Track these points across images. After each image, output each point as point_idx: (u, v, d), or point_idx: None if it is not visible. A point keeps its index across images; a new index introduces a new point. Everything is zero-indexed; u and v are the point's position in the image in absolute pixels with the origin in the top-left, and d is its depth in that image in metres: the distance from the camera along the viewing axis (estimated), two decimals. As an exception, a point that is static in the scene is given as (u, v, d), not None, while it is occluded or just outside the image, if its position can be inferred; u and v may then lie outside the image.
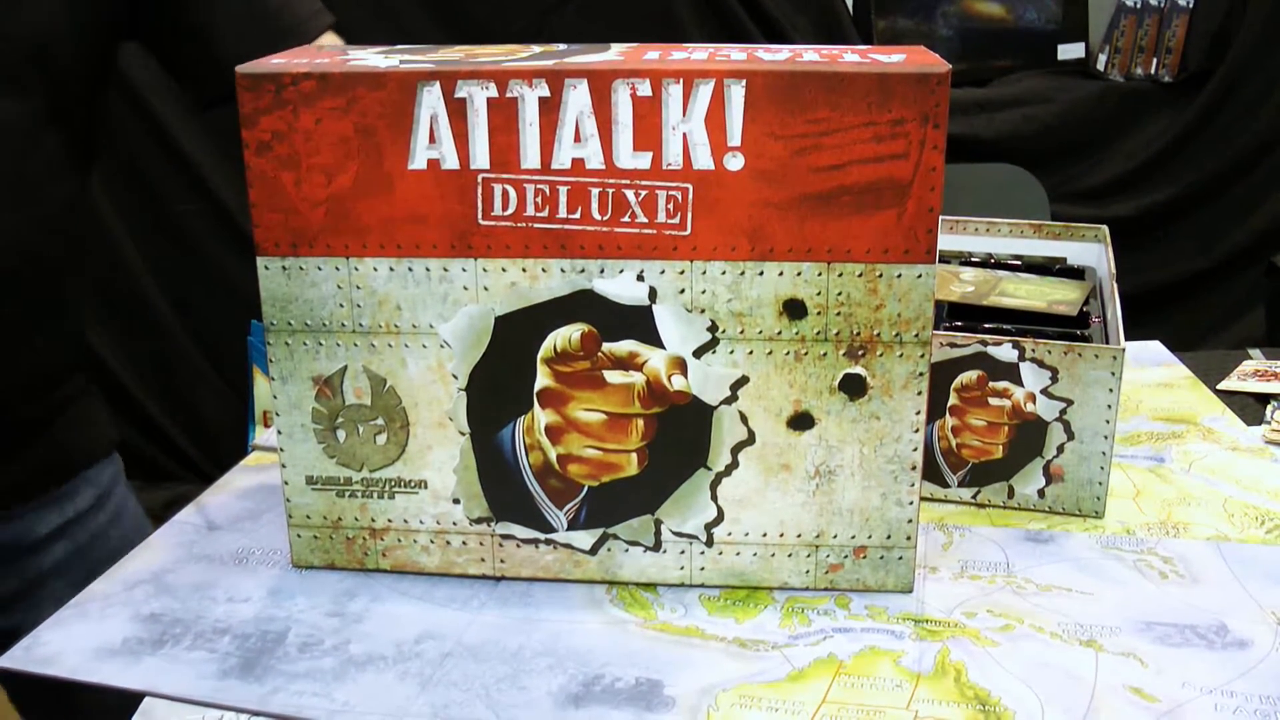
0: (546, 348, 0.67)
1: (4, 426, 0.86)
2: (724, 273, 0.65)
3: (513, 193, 0.65)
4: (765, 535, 0.70)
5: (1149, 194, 2.27)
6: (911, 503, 0.69)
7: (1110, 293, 0.89)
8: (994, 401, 0.80)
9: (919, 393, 0.67)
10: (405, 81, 0.64)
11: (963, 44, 2.33)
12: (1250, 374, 1.07)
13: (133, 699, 0.63)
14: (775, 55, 0.65)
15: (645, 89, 0.62)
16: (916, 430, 0.68)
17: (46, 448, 0.90)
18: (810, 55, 0.65)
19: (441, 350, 0.68)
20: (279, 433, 0.71)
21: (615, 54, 0.66)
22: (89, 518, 0.93)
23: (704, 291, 0.66)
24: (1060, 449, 0.80)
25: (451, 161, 0.65)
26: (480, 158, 0.64)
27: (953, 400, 0.81)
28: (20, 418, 0.87)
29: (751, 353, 0.67)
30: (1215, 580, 0.72)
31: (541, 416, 0.68)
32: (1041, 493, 0.81)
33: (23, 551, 0.89)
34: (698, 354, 0.67)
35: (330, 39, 0.93)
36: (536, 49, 0.69)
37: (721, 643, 0.66)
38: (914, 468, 0.68)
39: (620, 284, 0.66)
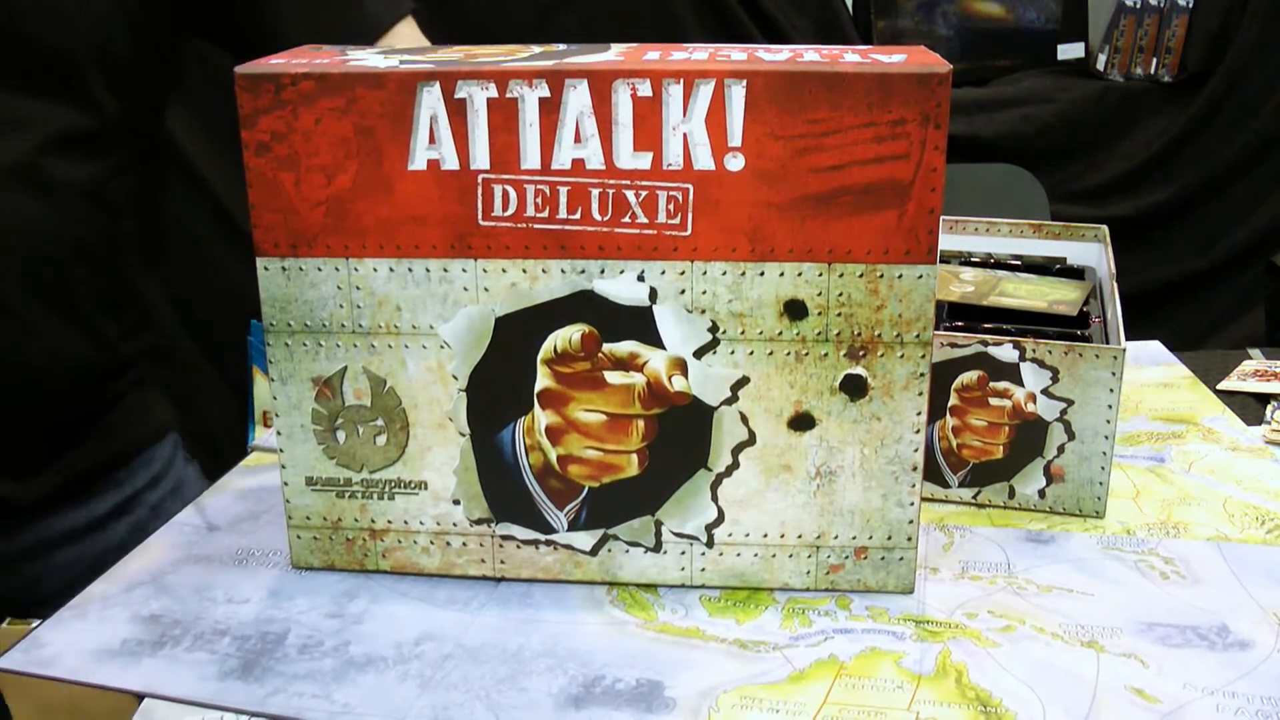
0: (547, 348, 0.67)
1: (67, 417, 0.87)
2: (724, 273, 0.65)
3: (513, 193, 0.65)
4: (766, 536, 0.70)
5: (1149, 194, 2.27)
6: (912, 503, 0.69)
7: (1110, 293, 0.89)
8: (994, 402, 0.80)
9: (920, 393, 0.67)
10: (405, 82, 0.63)
11: (963, 44, 2.33)
12: (1250, 374, 1.07)
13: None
14: (775, 55, 0.65)
15: (645, 89, 0.62)
16: (917, 431, 0.68)
17: (107, 436, 0.92)
18: (810, 55, 0.65)
19: (441, 351, 0.68)
20: (278, 433, 0.71)
21: (615, 54, 0.66)
22: (146, 494, 0.94)
23: (704, 292, 0.66)
24: (1061, 449, 0.79)
25: (451, 162, 0.65)
26: (480, 158, 0.64)
27: (953, 400, 0.80)
28: (82, 408, 0.88)
29: (752, 353, 0.67)
30: (1216, 581, 0.72)
31: (542, 417, 0.68)
32: (1042, 493, 0.81)
33: (86, 531, 0.90)
34: (698, 354, 0.67)
35: (408, 28, 0.93)
36: (536, 49, 0.69)
37: (722, 644, 0.66)
38: (915, 468, 0.68)
39: (620, 285, 0.66)
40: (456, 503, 0.71)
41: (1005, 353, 0.79)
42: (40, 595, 0.84)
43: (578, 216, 0.65)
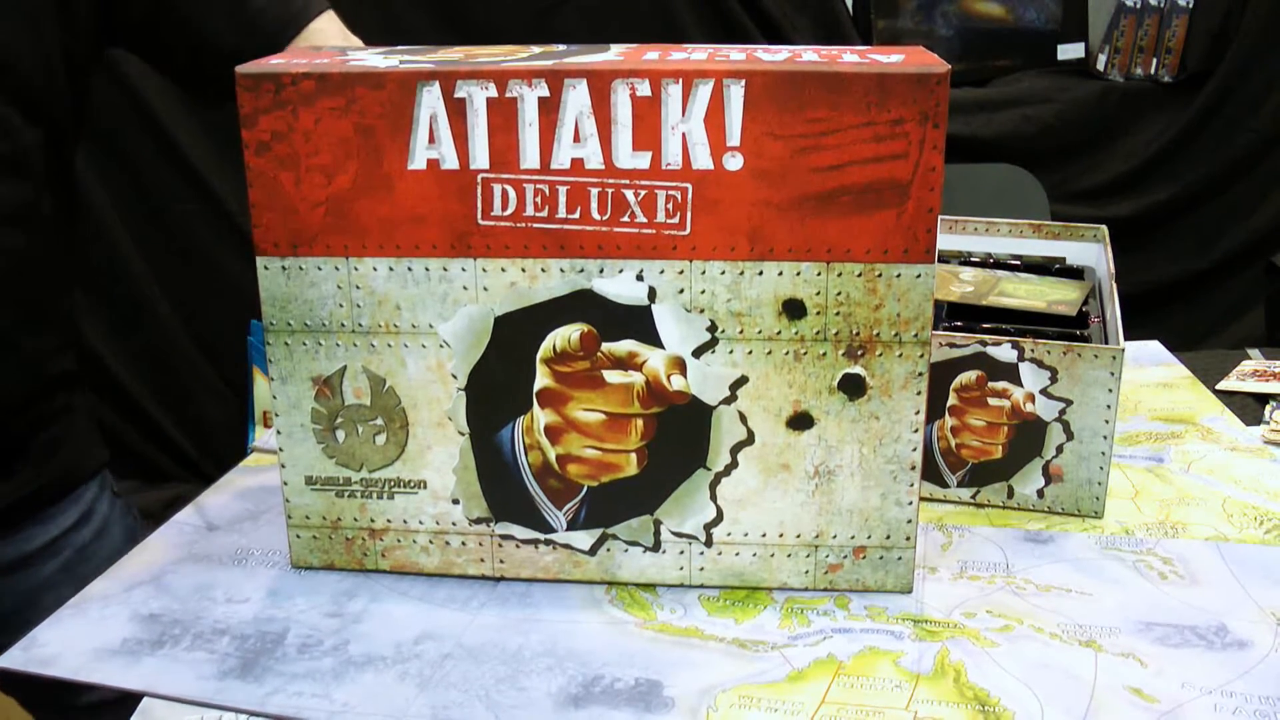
0: (546, 348, 0.67)
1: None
2: (723, 273, 0.65)
3: (512, 193, 0.65)
4: (764, 535, 0.70)
5: (1149, 194, 2.27)
6: (911, 503, 0.69)
7: (1109, 292, 0.89)
8: (993, 401, 0.80)
9: (918, 393, 0.67)
10: (405, 81, 0.64)
11: (962, 44, 2.33)
12: (1249, 374, 1.07)
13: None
14: (775, 55, 0.65)
15: (645, 89, 0.62)
16: (916, 430, 0.68)
17: (39, 469, 0.90)
18: (809, 55, 0.65)
19: (441, 350, 0.68)
20: (278, 433, 0.71)
21: (615, 54, 0.66)
22: (74, 534, 0.93)
23: (703, 291, 0.66)
24: (1059, 449, 0.80)
25: (451, 161, 0.65)
26: (480, 158, 0.64)
27: (952, 400, 0.81)
28: (12, 434, 0.87)
29: (751, 353, 0.67)
30: (1214, 580, 0.72)
31: (541, 416, 0.68)
32: (1041, 493, 0.81)
33: (8, 569, 0.89)
34: (697, 354, 0.67)
35: (328, 21, 0.92)
36: (536, 49, 0.69)
37: (721, 643, 0.66)
38: (913, 468, 0.68)
39: (620, 284, 0.66)
40: (456, 502, 0.71)
41: (1004, 353, 0.79)
42: None
43: (577, 216, 0.65)
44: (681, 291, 0.66)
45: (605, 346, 0.67)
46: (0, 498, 0.87)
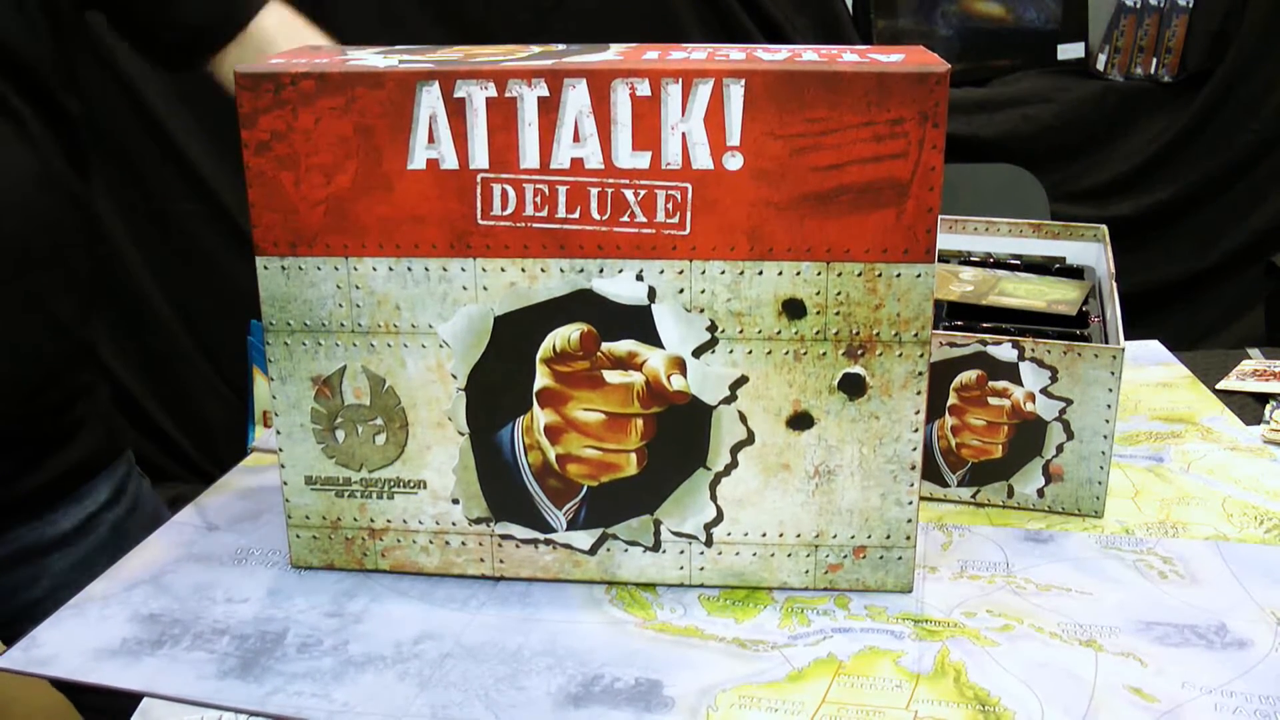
0: (546, 348, 0.67)
1: (34, 411, 0.86)
2: (723, 272, 0.65)
3: (512, 192, 0.65)
4: (765, 535, 0.70)
5: (1149, 194, 2.27)
6: (911, 502, 0.69)
7: (1109, 292, 0.89)
8: (993, 401, 0.80)
9: (918, 392, 0.67)
10: (404, 81, 0.64)
11: (962, 44, 2.33)
12: (1249, 373, 1.07)
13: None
14: (774, 55, 0.65)
15: (644, 89, 0.62)
16: (916, 430, 0.68)
17: (75, 444, 0.90)
18: (809, 55, 0.65)
19: (441, 350, 0.68)
20: (278, 433, 0.71)
21: (614, 54, 0.66)
22: (108, 510, 0.94)
23: (703, 291, 0.66)
24: (1059, 448, 0.80)
25: (450, 161, 0.65)
26: (479, 157, 0.64)
27: (952, 400, 0.81)
28: (50, 406, 0.87)
29: (751, 352, 0.67)
30: (1214, 580, 0.72)
31: (541, 416, 0.68)
32: (1041, 492, 0.81)
33: (47, 549, 0.90)
34: (697, 354, 0.67)
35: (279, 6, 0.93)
36: (536, 49, 0.69)
37: (721, 643, 0.66)
38: (913, 467, 0.68)
39: (619, 284, 0.66)
40: (456, 502, 0.71)
41: (1004, 352, 0.79)
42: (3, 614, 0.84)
43: (576, 216, 0.65)
44: (681, 291, 0.66)
45: (605, 346, 0.67)
46: (45, 472, 0.88)
